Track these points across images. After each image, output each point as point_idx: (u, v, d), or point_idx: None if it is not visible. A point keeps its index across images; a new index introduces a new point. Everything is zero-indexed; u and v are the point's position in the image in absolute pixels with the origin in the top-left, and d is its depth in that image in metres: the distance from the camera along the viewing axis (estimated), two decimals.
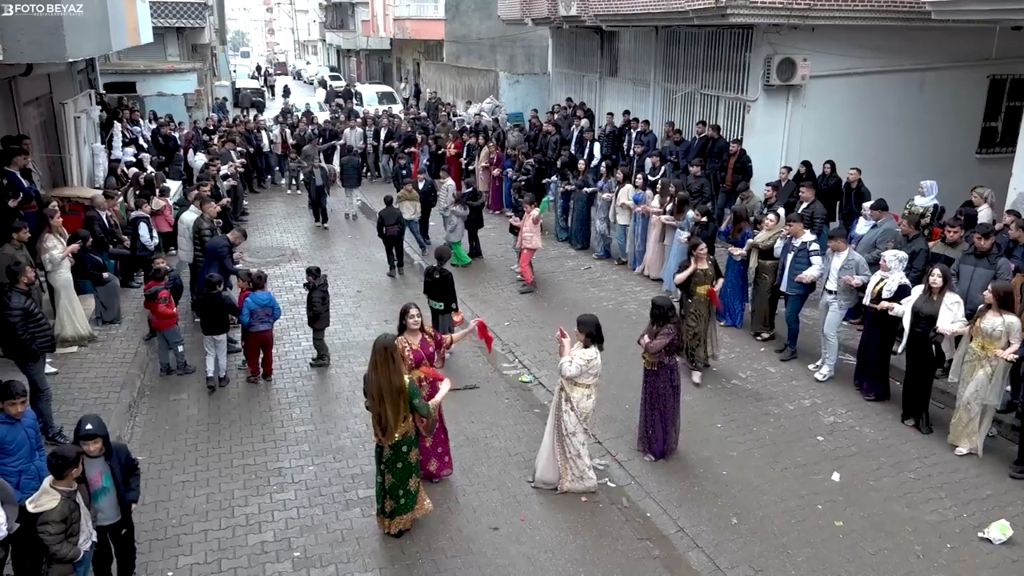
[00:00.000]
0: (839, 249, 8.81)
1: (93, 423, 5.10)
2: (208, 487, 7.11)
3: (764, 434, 7.97)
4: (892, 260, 8.23)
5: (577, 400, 6.69)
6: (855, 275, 8.64)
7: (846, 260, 8.74)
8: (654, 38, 17.47)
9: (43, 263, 9.22)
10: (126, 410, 8.33)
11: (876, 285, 8.31)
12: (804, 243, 9.25)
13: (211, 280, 8.88)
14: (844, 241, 8.93)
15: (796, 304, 9.51)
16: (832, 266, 8.86)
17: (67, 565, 4.83)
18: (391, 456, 6.21)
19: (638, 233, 12.96)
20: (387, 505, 6.34)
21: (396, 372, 6.05)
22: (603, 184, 13.47)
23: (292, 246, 15.19)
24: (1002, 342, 7.13)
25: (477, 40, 33.13)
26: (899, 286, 8.14)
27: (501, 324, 10.97)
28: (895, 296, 8.10)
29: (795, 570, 6.02)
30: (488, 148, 17.68)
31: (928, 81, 14.65)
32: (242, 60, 65.51)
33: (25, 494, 5.25)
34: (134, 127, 17.32)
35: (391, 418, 6.04)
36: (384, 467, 6.25)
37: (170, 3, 25.88)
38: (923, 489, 7.00)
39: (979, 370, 7.29)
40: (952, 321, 7.51)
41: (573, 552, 6.29)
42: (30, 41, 8.42)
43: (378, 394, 6.02)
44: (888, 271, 8.24)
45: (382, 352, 6.03)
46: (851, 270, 8.68)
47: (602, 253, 13.85)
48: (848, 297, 8.86)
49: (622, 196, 12.90)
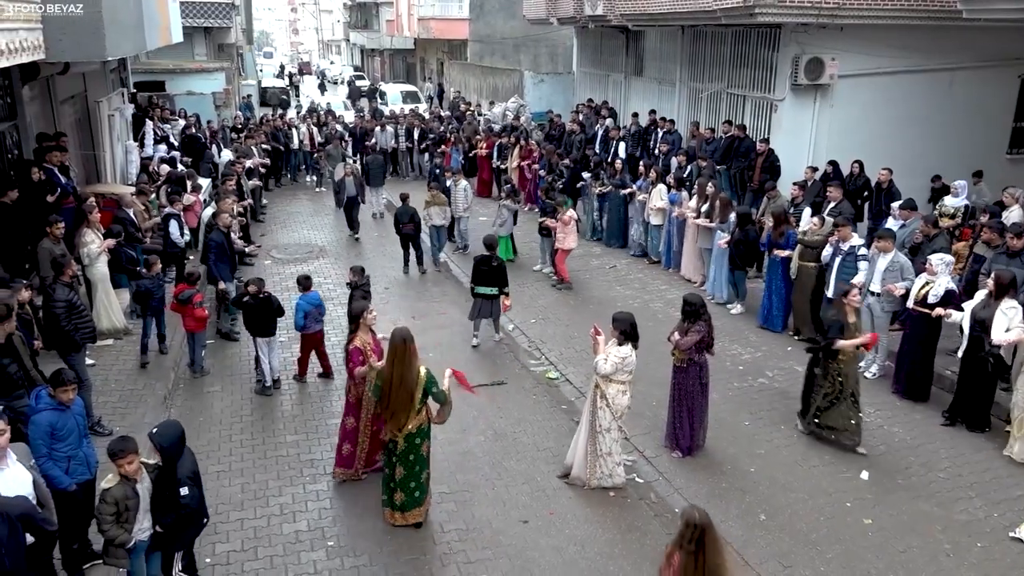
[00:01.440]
0: (886, 250, 8.69)
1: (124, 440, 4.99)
2: (243, 477, 7.25)
3: (792, 432, 7.99)
4: (939, 264, 8.08)
5: (612, 396, 6.75)
6: (900, 278, 8.53)
7: (891, 262, 8.62)
8: (680, 37, 17.46)
9: (81, 257, 9.42)
10: (161, 401, 8.50)
11: (921, 289, 8.19)
12: (852, 247, 9.13)
13: (255, 283, 8.82)
14: (891, 242, 8.78)
15: None
16: (877, 268, 8.75)
17: (120, 550, 4.95)
18: (404, 449, 6.29)
19: (672, 234, 12.92)
20: (396, 498, 6.42)
21: (412, 364, 6.17)
22: (641, 184, 13.52)
23: (319, 243, 15.36)
24: None
25: (501, 40, 33.25)
26: (946, 291, 8.02)
27: (528, 321, 11.05)
28: (942, 300, 7.98)
29: (824, 567, 6.05)
30: (520, 147, 17.67)
31: (957, 81, 14.52)
32: (265, 60, 66.04)
33: (73, 479, 5.43)
34: (165, 125, 17.59)
35: (404, 410, 6.16)
36: (396, 460, 6.32)
37: (198, 3, 26.22)
38: (953, 488, 6.99)
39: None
40: (1008, 328, 7.25)
41: (602, 545, 6.36)
42: (72, 40, 8.64)
43: (394, 386, 6.10)
44: (935, 275, 8.09)
45: (401, 345, 6.14)
46: (896, 272, 8.58)
47: (638, 252, 13.86)
48: (892, 301, 8.71)
49: (655, 197, 12.93)
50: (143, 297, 9.29)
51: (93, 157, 13.94)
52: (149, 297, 9.24)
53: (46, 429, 5.35)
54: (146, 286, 9.27)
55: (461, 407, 8.56)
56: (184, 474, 5.07)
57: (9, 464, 4.88)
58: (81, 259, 9.43)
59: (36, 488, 4.95)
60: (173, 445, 5.06)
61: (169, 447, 5.04)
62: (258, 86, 38.58)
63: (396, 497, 6.42)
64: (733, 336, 10.23)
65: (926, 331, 8.28)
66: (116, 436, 5.20)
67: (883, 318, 8.88)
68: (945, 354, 8.54)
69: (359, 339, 6.95)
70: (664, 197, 12.77)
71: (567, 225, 12.09)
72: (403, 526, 6.47)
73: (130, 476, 4.91)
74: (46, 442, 5.35)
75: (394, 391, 6.13)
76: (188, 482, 5.07)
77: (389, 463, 6.42)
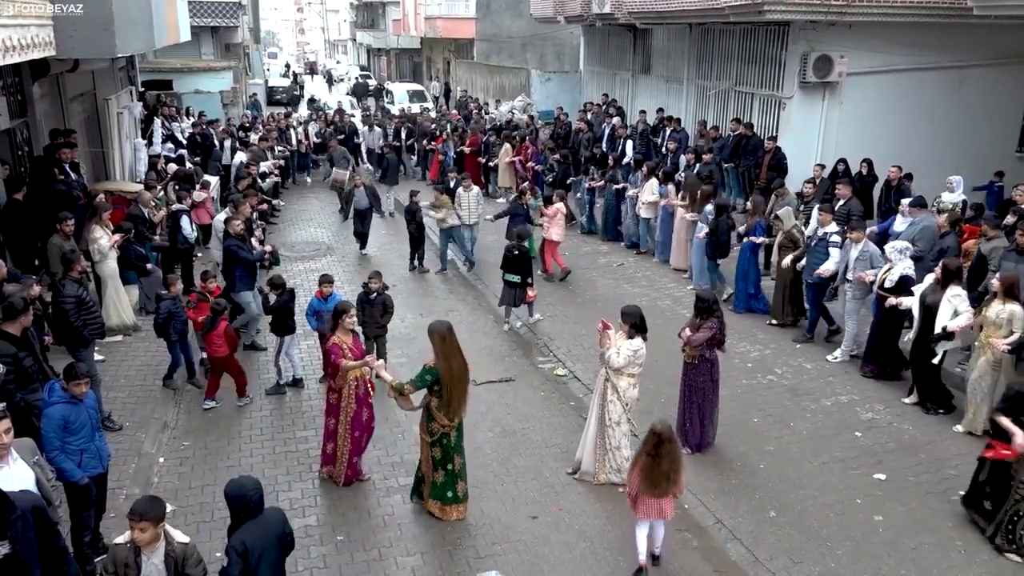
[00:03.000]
0: (858, 240, 9.05)
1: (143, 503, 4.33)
2: (252, 472, 7.16)
3: (801, 429, 7.97)
4: (892, 252, 8.59)
5: (623, 390, 6.76)
6: (870, 266, 8.89)
7: (861, 251, 9.00)
8: (687, 35, 17.44)
9: (90, 253, 9.45)
10: (171, 397, 8.53)
11: (882, 275, 8.61)
12: (825, 233, 9.50)
13: (275, 282, 8.71)
14: (863, 232, 9.16)
15: (815, 293, 9.83)
16: (850, 256, 9.15)
17: None
18: (457, 436, 6.43)
19: (661, 226, 13.27)
20: (459, 489, 6.50)
21: (461, 353, 6.32)
22: (633, 179, 13.77)
23: (326, 241, 15.38)
24: (1004, 331, 7.26)
25: (508, 38, 33.25)
26: (901, 276, 8.41)
27: (536, 319, 11.04)
28: (896, 286, 8.38)
29: (835, 563, 6.03)
30: (510, 144, 17.84)
31: (967, 78, 14.47)
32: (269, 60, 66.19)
33: (86, 472, 5.44)
34: (172, 123, 17.64)
35: (462, 400, 6.32)
36: (453, 450, 6.40)
37: (205, 2, 26.33)
38: (964, 486, 6.91)
39: (982, 356, 7.47)
40: (954, 314, 7.62)
41: (612, 541, 6.35)
42: (82, 37, 8.67)
43: (455, 379, 6.21)
44: (892, 262, 8.52)
45: (450, 337, 6.25)
46: (866, 261, 8.94)
47: (629, 244, 14.16)
48: (863, 289, 9.05)
49: (646, 191, 13.14)
50: (165, 325, 8.42)
51: (102, 154, 14.00)
52: (171, 320, 8.42)
53: (59, 422, 5.37)
54: (168, 309, 8.39)
55: (470, 404, 8.57)
56: None
57: (11, 462, 4.82)
58: (91, 255, 9.47)
59: (39, 486, 4.89)
60: (253, 500, 4.48)
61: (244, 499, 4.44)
62: (265, 85, 38.71)
63: (458, 488, 6.50)
64: (742, 334, 10.21)
65: (886, 313, 8.59)
66: (146, 496, 4.65)
67: (853, 305, 9.21)
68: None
69: (337, 338, 6.90)
70: (655, 191, 13.01)
71: (553, 217, 12.18)
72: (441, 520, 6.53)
73: (138, 543, 4.23)
74: (59, 435, 5.37)
75: (456, 384, 6.22)
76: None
77: (446, 456, 6.39)
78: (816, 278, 9.61)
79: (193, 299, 8.78)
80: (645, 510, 5.74)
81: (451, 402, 6.25)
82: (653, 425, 5.62)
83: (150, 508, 4.22)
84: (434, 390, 6.26)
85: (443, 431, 6.34)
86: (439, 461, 6.44)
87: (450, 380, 6.19)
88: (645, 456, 5.59)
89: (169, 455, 7.55)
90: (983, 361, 7.47)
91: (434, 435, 6.37)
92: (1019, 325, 7.19)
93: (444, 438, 6.36)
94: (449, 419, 6.30)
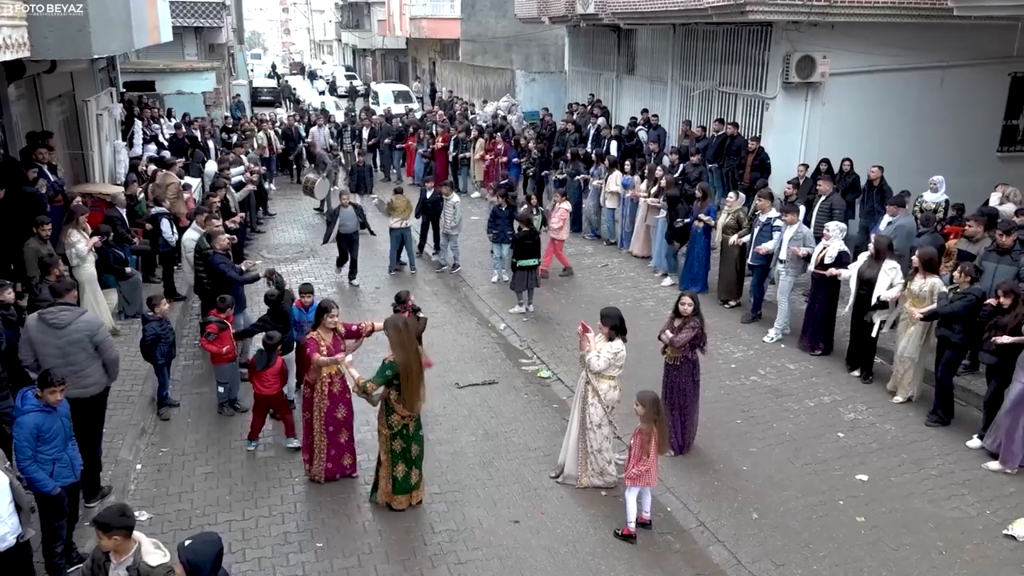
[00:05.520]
0: (792, 222, 9.72)
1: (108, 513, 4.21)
2: (231, 478, 7.18)
3: (784, 430, 7.97)
4: (834, 230, 9.27)
5: (604, 392, 6.72)
6: (803, 245, 9.53)
7: (795, 232, 9.66)
8: (671, 35, 17.44)
9: (68, 257, 9.32)
10: (149, 403, 8.42)
11: (819, 253, 9.29)
12: (769, 219, 10.18)
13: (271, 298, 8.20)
14: (796, 215, 9.81)
15: (759, 275, 10.58)
16: (784, 237, 9.79)
17: None
18: (416, 426, 6.54)
19: (626, 216, 14.00)
20: (413, 477, 6.60)
21: (416, 346, 6.45)
22: (596, 171, 14.43)
23: (309, 243, 15.26)
24: (927, 303, 7.94)
25: (493, 39, 33.20)
26: (839, 253, 9.12)
27: (520, 320, 11.02)
28: (835, 262, 9.08)
29: (817, 565, 6.02)
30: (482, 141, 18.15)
31: (948, 79, 14.52)
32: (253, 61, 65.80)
33: (58, 482, 5.35)
34: (153, 124, 17.46)
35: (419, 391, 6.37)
36: (412, 439, 6.52)
37: (188, 3, 26.10)
38: (945, 486, 6.97)
39: (910, 327, 8.18)
40: (889, 286, 8.41)
41: (594, 545, 6.31)
42: (57, 38, 8.54)
43: (412, 371, 6.27)
44: (829, 240, 9.21)
45: (404, 329, 6.36)
46: (799, 241, 9.58)
47: (592, 235, 14.93)
48: (796, 266, 9.70)
49: (610, 182, 13.82)
50: (151, 347, 7.88)
51: (81, 157, 13.81)
52: (157, 343, 7.90)
53: (32, 431, 5.27)
54: (154, 331, 7.86)
55: (452, 407, 8.56)
56: None
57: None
58: (69, 259, 9.33)
59: (13, 491, 4.83)
60: (207, 566, 3.90)
61: (201, 567, 3.88)
62: (249, 86, 38.48)
63: (413, 476, 6.60)
64: (725, 334, 10.21)
65: (825, 290, 9.37)
66: (115, 505, 4.48)
67: (787, 283, 9.88)
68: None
69: (316, 334, 6.96)
70: (619, 183, 13.69)
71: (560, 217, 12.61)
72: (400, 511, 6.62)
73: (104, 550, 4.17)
74: (31, 444, 5.27)
75: (412, 376, 6.28)
76: None
77: (405, 448, 6.49)
78: (759, 260, 10.29)
79: (214, 330, 8.02)
80: (653, 475, 6.25)
81: (409, 393, 6.30)
82: (642, 396, 6.17)
83: (114, 519, 4.10)
84: (393, 383, 6.32)
85: (403, 422, 6.42)
86: (399, 454, 6.50)
87: (407, 370, 6.24)
88: (653, 424, 6.11)
89: (147, 462, 7.44)
90: (912, 331, 8.17)
91: (394, 428, 6.43)
92: (938, 295, 7.91)
93: (404, 429, 6.45)
94: (408, 410, 6.37)
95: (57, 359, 6.02)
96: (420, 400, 6.43)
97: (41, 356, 6.10)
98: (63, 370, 5.69)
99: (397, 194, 13.46)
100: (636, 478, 6.19)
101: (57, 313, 6.17)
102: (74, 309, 6.37)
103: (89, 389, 6.29)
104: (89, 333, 6.22)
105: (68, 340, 6.13)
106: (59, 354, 6.07)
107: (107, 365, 6.42)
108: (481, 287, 12.39)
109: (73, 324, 6.17)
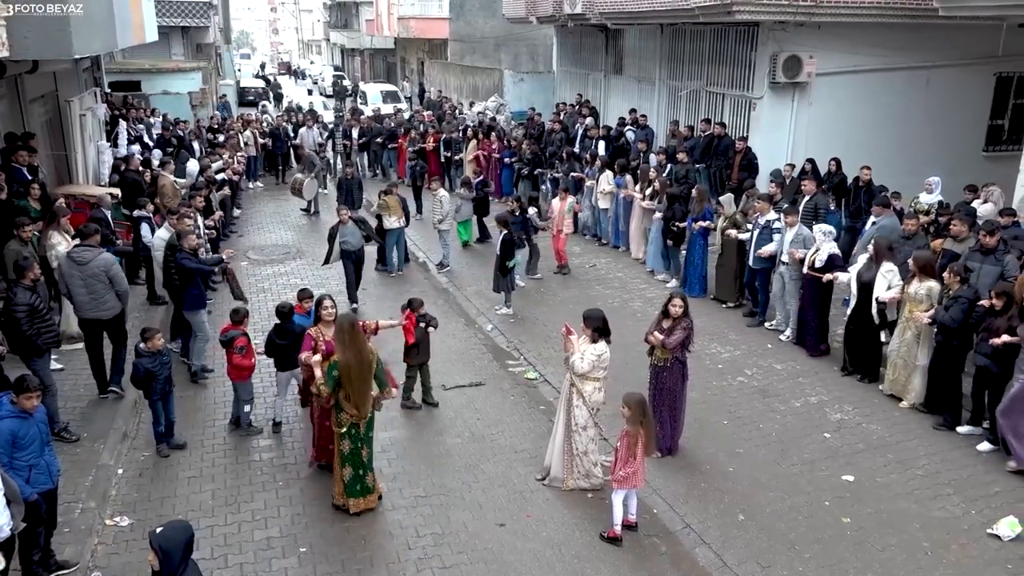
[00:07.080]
0: (792, 224, 9.68)
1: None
2: (214, 483, 7.10)
3: (770, 431, 7.95)
4: (820, 234, 9.26)
5: (589, 394, 6.69)
6: (803, 247, 9.46)
7: (796, 234, 9.61)
8: (659, 35, 17.45)
9: (48, 259, 9.21)
10: (131, 407, 8.32)
11: (811, 256, 9.27)
12: (768, 221, 10.08)
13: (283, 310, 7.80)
14: (796, 216, 9.78)
15: (762, 277, 10.45)
16: (785, 239, 9.73)
17: None
18: (367, 429, 6.48)
19: (620, 215, 13.92)
20: (368, 480, 6.57)
21: (365, 346, 6.36)
22: (590, 171, 14.40)
23: (295, 244, 15.17)
24: (925, 306, 7.96)
25: (481, 39, 33.16)
26: (829, 255, 9.10)
27: (507, 321, 10.97)
28: (826, 265, 9.06)
29: (803, 566, 6.00)
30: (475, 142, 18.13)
31: (934, 79, 14.60)
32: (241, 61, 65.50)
33: (35, 488, 5.27)
34: (139, 125, 17.32)
35: (365, 392, 6.32)
36: (362, 442, 6.46)
37: (175, 2, 25.93)
38: (931, 486, 6.97)
39: (908, 331, 8.20)
40: (888, 288, 8.37)
41: (580, 548, 6.28)
42: (37, 38, 8.42)
43: (353, 370, 6.22)
44: (819, 243, 9.21)
45: (349, 329, 6.31)
46: (800, 243, 9.53)
47: (591, 235, 14.80)
48: (798, 269, 9.58)
49: (603, 182, 13.75)
50: (145, 381, 7.21)
51: (64, 158, 13.68)
52: (151, 379, 7.19)
53: (7, 438, 5.19)
54: (145, 367, 7.13)
55: (438, 409, 8.51)
56: None
57: None
58: (49, 261, 9.22)
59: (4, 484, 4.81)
60: (178, 552, 4.06)
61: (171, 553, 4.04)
62: (236, 86, 38.29)
63: (368, 479, 6.55)
64: (712, 334, 10.20)
65: (817, 292, 9.31)
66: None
67: (792, 284, 9.75)
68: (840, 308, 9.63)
69: (316, 329, 7.05)
70: (611, 182, 13.63)
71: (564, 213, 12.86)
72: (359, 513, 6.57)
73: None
74: (7, 451, 5.19)
75: (353, 375, 6.24)
76: None
77: (355, 449, 6.44)
78: (761, 262, 10.17)
79: (244, 343, 7.71)
80: (640, 477, 6.25)
81: (350, 394, 6.27)
82: (628, 398, 6.20)
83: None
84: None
85: (351, 421, 6.36)
86: (347, 456, 6.45)
87: (347, 371, 6.22)
88: (639, 426, 6.11)
89: (128, 466, 7.36)
90: (909, 335, 8.19)
91: (342, 425, 6.38)
92: (937, 298, 7.91)
93: (353, 428, 6.39)
94: (355, 410, 6.33)
95: (81, 288, 7.98)
96: (367, 403, 6.37)
97: (71, 286, 8.04)
98: (86, 296, 7.98)
99: (388, 194, 13.17)
100: (623, 480, 6.17)
101: (81, 252, 8.05)
102: (93, 249, 8.13)
103: (107, 312, 8.15)
104: (104, 268, 8.02)
105: (89, 273, 7.95)
106: (82, 284, 7.97)
107: (119, 295, 8.20)
108: (469, 288, 12.34)
109: (93, 261, 7.99)
